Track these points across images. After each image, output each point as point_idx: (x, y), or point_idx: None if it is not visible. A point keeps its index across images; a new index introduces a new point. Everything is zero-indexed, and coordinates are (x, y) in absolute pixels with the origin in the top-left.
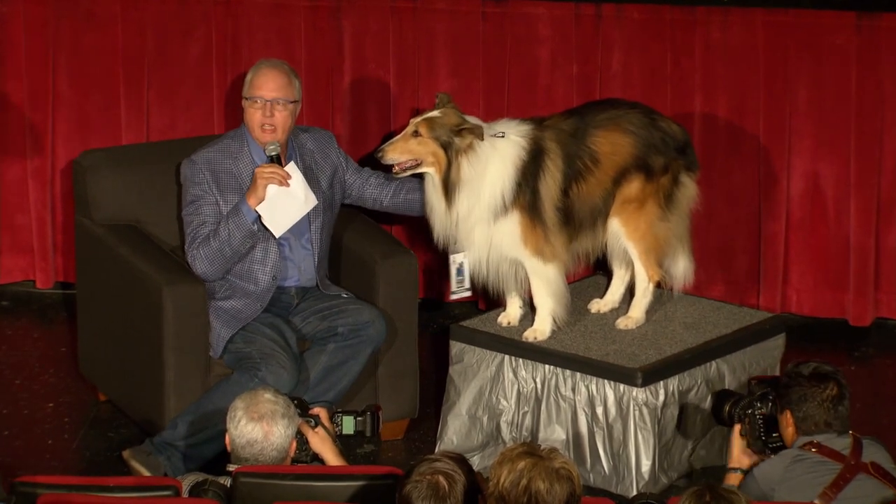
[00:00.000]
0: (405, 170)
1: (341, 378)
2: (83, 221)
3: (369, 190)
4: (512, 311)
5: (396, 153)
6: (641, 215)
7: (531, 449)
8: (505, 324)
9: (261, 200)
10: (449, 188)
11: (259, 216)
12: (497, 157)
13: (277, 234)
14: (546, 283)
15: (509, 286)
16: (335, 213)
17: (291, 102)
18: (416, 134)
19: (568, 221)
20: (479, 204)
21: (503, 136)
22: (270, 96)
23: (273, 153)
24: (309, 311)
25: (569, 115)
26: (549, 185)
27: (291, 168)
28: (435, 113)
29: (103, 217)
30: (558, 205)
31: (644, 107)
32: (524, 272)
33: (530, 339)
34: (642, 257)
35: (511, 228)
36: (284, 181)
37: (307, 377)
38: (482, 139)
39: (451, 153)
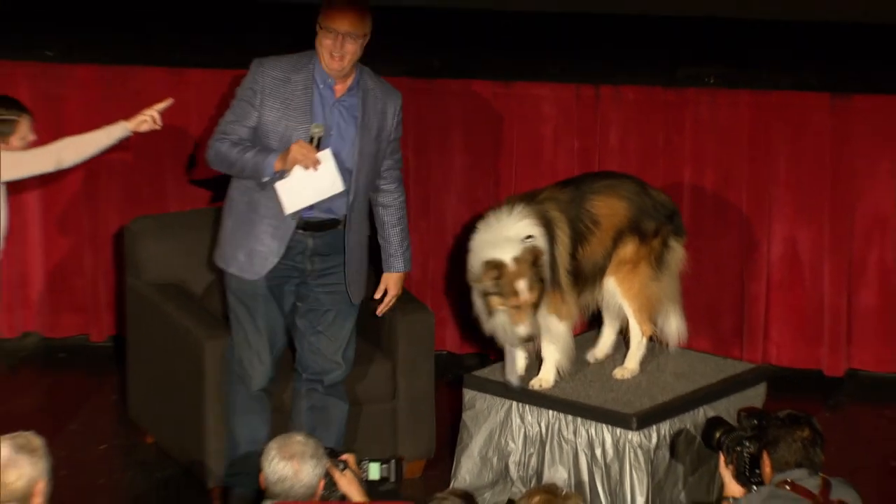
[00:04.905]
0: None
1: (328, 427)
2: (133, 282)
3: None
4: (519, 363)
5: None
6: (635, 276)
7: (550, 489)
8: None
9: (284, 171)
10: None
11: (275, 176)
12: None
13: (287, 212)
14: (558, 338)
15: None
16: (378, 162)
17: (361, 36)
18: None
19: (577, 280)
20: None
21: (532, 238)
22: (344, 30)
23: (315, 135)
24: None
25: (564, 185)
26: (562, 252)
27: (326, 155)
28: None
29: (151, 277)
30: (569, 268)
31: (635, 178)
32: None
33: (536, 388)
34: (636, 314)
35: None
36: (313, 166)
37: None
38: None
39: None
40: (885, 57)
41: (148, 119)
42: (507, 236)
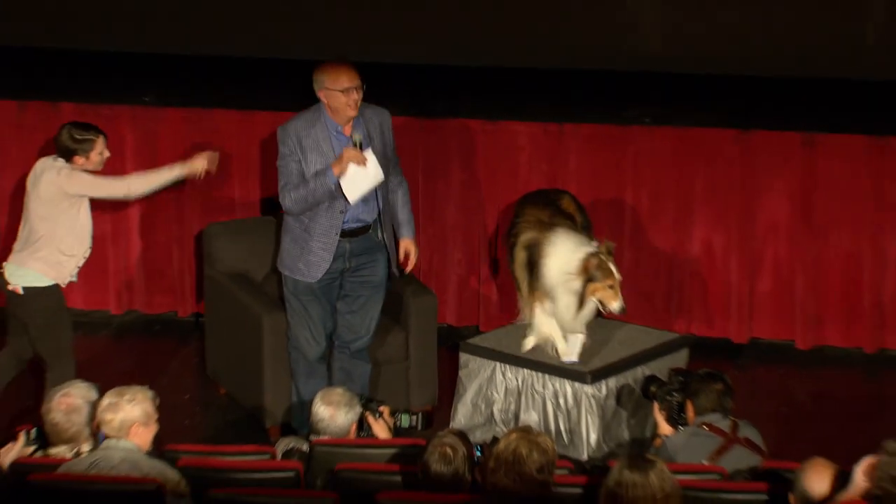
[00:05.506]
0: None
1: (355, 382)
2: (209, 271)
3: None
4: (578, 345)
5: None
6: None
7: (525, 428)
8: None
9: (343, 172)
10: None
11: (338, 182)
12: None
13: (352, 201)
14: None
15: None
16: (388, 171)
17: (362, 83)
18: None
19: None
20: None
21: (597, 245)
22: (354, 84)
23: (357, 140)
24: (343, 293)
25: (533, 204)
26: None
27: (369, 153)
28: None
29: (223, 268)
30: None
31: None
32: None
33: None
34: None
35: None
36: (363, 163)
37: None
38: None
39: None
40: (778, 102)
41: (198, 172)
42: (575, 244)
